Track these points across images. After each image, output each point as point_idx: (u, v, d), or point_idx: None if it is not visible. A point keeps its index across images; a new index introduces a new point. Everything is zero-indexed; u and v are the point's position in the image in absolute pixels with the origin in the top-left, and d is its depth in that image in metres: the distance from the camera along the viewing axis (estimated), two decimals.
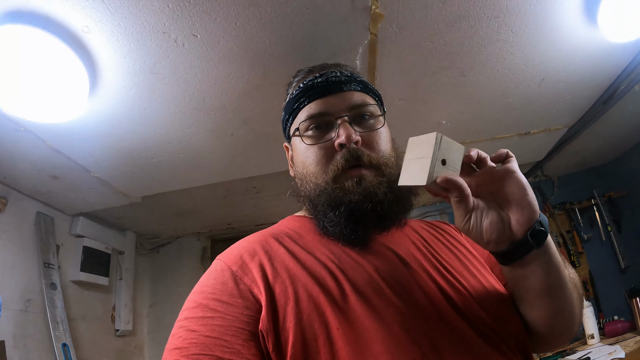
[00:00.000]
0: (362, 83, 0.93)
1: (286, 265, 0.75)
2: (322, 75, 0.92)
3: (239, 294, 0.69)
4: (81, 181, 2.18)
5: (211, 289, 0.71)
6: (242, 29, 1.32)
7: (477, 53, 1.59)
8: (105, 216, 2.77)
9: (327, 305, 0.67)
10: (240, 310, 0.67)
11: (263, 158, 2.17)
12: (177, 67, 1.45)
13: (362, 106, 0.88)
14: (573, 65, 1.75)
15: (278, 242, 0.81)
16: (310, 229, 0.87)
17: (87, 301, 2.67)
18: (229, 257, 0.78)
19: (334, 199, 0.80)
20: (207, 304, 0.69)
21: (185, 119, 1.73)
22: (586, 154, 3.01)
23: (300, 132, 0.90)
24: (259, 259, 0.76)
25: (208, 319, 0.66)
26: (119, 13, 1.21)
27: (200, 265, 3.34)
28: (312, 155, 0.86)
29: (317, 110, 0.88)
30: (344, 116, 0.85)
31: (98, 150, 1.90)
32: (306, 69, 1.03)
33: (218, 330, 0.64)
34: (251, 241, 0.83)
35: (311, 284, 0.71)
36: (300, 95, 0.92)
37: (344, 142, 0.82)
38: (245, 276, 0.72)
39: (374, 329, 0.65)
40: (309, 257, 0.77)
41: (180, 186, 2.36)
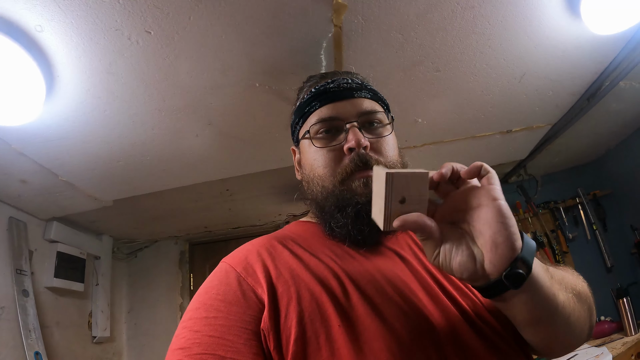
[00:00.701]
0: (372, 91, 0.95)
1: (289, 266, 0.76)
2: (334, 81, 0.94)
3: (242, 295, 0.70)
4: (50, 185, 2.12)
5: (215, 290, 0.72)
6: (196, 24, 1.27)
7: (452, 46, 1.53)
8: (80, 220, 2.71)
9: (329, 304, 0.68)
10: (242, 310, 0.68)
11: (231, 160, 2.13)
12: (134, 66, 1.39)
13: (371, 113, 0.90)
14: (555, 60, 1.69)
15: (282, 245, 0.82)
16: (314, 232, 0.89)
17: (62, 308, 2.60)
18: (233, 259, 0.79)
19: (342, 201, 0.81)
20: (211, 304, 0.69)
21: (147, 121, 1.68)
22: (570, 152, 2.98)
23: (310, 135, 0.90)
24: (263, 260, 0.77)
25: (211, 319, 0.67)
26: (70, 11, 1.16)
27: (178, 270, 3.30)
28: (321, 158, 0.87)
29: (328, 114, 0.89)
30: (354, 122, 0.87)
31: (63, 153, 1.85)
32: (318, 75, 1.04)
33: (221, 330, 0.65)
34: (255, 244, 0.84)
35: (313, 284, 0.71)
36: (312, 99, 0.93)
37: (354, 147, 0.83)
38: (249, 277, 0.73)
39: (375, 327, 0.65)
40: (312, 259, 0.78)
41: (149, 189, 2.31)
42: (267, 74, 1.52)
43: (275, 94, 1.64)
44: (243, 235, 3.45)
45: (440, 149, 2.44)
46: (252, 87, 1.58)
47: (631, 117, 2.58)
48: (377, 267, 0.77)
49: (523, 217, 3.24)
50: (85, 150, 1.83)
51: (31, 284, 2.34)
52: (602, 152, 3.14)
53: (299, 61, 1.48)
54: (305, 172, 0.94)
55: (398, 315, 0.67)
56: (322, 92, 0.92)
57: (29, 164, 1.90)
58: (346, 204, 0.81)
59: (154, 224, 2.97)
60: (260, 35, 1.35)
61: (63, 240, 2.62)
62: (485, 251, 0.56)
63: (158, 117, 1.67)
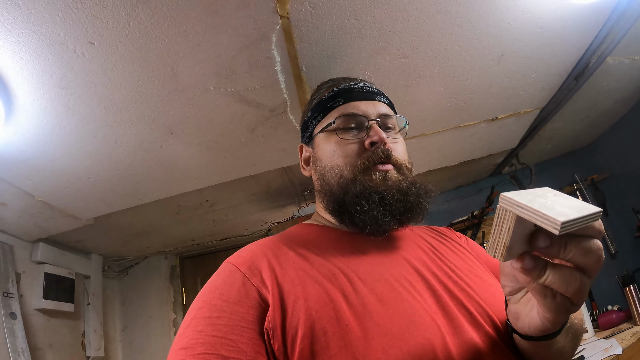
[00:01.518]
0: (388, 99, 1.02)
1: (295, 265, 0.76)
2: (356, 83, 1.01)
3: (246, 294, 0.70)
4: (28, 206, 2.12)
5: (219, 290, 0.72)
6: (137, 29, 1.23)
7: (416, 29, 1.46)
8: (65, 240, 2.70)
9: (337, 301, 0.68)
10: (246, 309, 0.67)
11: (202, 169, 2.09)
12: (84, 79, 1.37)
13: (389, 117, 0.96)
14: (535, 36, 1.61)
15: (287, 246, 0.83)
16: (319, 233, 0.90)
17: (54, 329, 2.59)
18: (238, 259, 0.79)
19: (368, 188, 0.84)
20: (215, 304, 0.69)
21: (108, 134, 1.65)
22: (562, 138, 2.89)
23: (335, 126, 0.94)
24: (268, 260, 0.77)
25: (215, 319, 0.66)
26: (14, 29, 1.15)
27: (170, 285, 3.29)
28: (341, 149, 0.91)
29: (353, 110, 0.94)
30: (376, 120, 0.93)
31: (34, 173, 1.84)
32: (339, 77, 1.10)
33: (224, 329, 0.64)
34: (260, 245, 0.85)
35: (321, 281, 0.72)
36: (336, 95, 0.98)
37: (377, 141, 0.88)
38: (253, 277, 0.73)
39: (384, 324, 0.65)
40: (318, 258, 0.79)
41: (126, 205, 2.28)
42: (219, 76, 1.48)
43: (233, 97, 1.60)
44: (232, 246, 3.42)
45: (423, 143, 2.37)
46: (206, 91, 1.54)
47: (622, 96, 2.48)
48: (383, 267, 0.78)
49: None
50: (55, 168, 1.82)
51: (19, 306, 2.34)
52: (596, 134, 3.04)
53: (249, 59, 1.43)
54: (320, 164, 0.96)
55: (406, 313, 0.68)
56: (348, 90, 0.98)
57: (5, 186, 1.90)
58: (370, 191, 0.84)
59: (140, 239, 2.94)
60: (204, 34, 1.30)
61: (50, 261, 2.61)
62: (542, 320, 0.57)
63: (118, 129, 1.64)
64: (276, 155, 2.11)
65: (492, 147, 2.72)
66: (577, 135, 2.95)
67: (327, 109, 0.98)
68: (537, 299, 0.53)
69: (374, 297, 0.70)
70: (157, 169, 1.99)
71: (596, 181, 3.07)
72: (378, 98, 0.98)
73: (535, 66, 1.83)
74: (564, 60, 1.83)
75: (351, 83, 1.01)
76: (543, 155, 3.16)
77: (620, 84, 2.29)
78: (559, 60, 1.82)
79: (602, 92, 2.31)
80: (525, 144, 2.73)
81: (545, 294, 0.51)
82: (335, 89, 1.00)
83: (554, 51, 1.74)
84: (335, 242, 0.86)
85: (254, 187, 2.47)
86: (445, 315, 0.70)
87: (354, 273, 0.74)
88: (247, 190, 2.51)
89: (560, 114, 2.35)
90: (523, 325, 0.60)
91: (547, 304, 0.52)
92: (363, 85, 1.00)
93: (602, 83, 2.19)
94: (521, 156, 2.99)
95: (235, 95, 1.59)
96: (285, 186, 2.57)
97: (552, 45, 1.69)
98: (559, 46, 1.71)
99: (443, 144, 2.45)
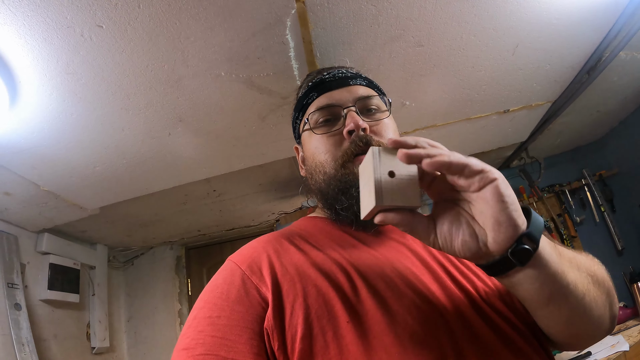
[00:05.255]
0: (367, 80, 0.97)
1: (295, 262, 0.74)
2: (329, 72, 0.96)
3: (246, 294, 0.69)
4: (33, 196, 2.09)
5: (220, 289, 0.71)
6: (147, 12, 1.19)
7: (433, 16, 1.42)
8: (71, 231, 2.68)
9: (336, 300, 0.66)
10: (245, 309, 0.67)
11: (211, 158, 2.06)
12: (91, 63, 1.33)
13: (367, 98, 0.91)
14: (549, 29, 1.58)
15: (288, 241, 0.81)
16: (321, 227, 0.88)
17: (59, 320, 2.57)
18: (239, 257, 0.78)
19: (345, 183, 0.82)
20: (215, 303, 0.69)
21: (115, 121, 1.62)
22: (572, 132, 2.86)
23: (310, 125, 0.92)
24: (269, 257, 0.75)
25: (215, 319, 0.66)
26: (20, 12, 1.12)
27: (175, 275, 3.27)
28: (321, 145, 0.88)
29: (325, 102, 0.91)
30: (351, 106, 0.88)
31: (40, 162, 1.81)
32: (316, 70, 1.08)
33: (223, 330, 0.64)
34: (261, 241, 0.83)
35: (320, 280, 0.70)
36: (309, 91, 0.95)
37: (353, 129, 0.83)
38: (253, 275, 0.72)
39: (385, 321, 0.63)
40: (319, 254, 0.77)
41: (133, 194, 2.25)
42: (231, 61, 1.44)
43: (244, 83, 1.56)
44: (239, 237, 3.40)
45: (434, 134, 2.32)
46: (217, 77, 1.50)
47: (633, 92, 2.45)
48: (384, 258, 0.76)
49: (527, 202, 3.13)
50: (60, 157, 1.79)
51: (24, 297, 2.32)
52: (605, 130, 3.01)
53: (262, 44, 1.39)
54: (308, 163, 0.94)
55: (409, 307, 0.66)
56: (319, 83, 0.95)
57: (9, 176, 1.87)
58: (349, 185, 0.81)
59: (146, 230, 2.92)
60: (216, 18, 1.26)
61: (55, 252, 2.59)
62: (488, 230, 0.53)
63: (125, 116, 1.60)
64: (286, 144, 2.07)
65: (502, 140, 2.69)
66: (587, 130, 2.92)
67: (304, 107, 0.96)
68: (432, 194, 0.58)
69: (375, 293, 0.67)
70: (164, 157, 1.95)
71: (604, 177, 3.05)
72: (353, 82, 0.93)
73: (549, 58, 1.79)
74: (577, 54, 1.80)
75: (324, 74, 0.97)
76: (551, 149, 3.13)
77: (631, 79, 2.26)
78: (572, 53, 1.79)
79: (613, 87, 2.28)
80: (535, 138, 2.69)
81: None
82: (310, 84, 0.97)
83: (568, 43, 1.70)
84: (337, 236, 0.84)
85: (262, 177, 2.43)
86: (452, 306, 0.68)
87: (354, 268, 0.72)
88: (254, 180, 2.48)
89: (571, 108, 2.32)
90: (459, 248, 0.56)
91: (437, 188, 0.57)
92: (336, 73, 0.96)
93: (614, 78, 2.16)
94: (530, 150, 2.96)
95: (247, 81, 1.55)
96: (294, 176, 2.54)
97: (566, 37, 1.66)
98: (573, 39, 1.68)
99: (453, 135, 2.42)
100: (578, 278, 0.62)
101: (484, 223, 0.54)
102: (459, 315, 0.66)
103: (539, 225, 0.55)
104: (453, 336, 0.63)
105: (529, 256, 0.53)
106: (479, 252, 0.55)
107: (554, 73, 1.92)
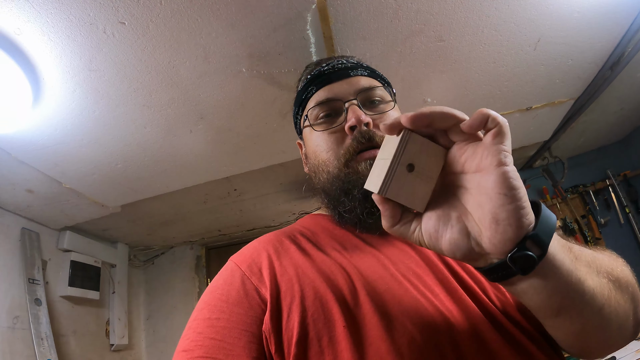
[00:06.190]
0: (369, 69, 0.91)
1: (295, 262, 0.71)
2: (328, 64, 0.91)
3: (245, 295, 0.67)
4: (55, 193, 2.12)
5: (220, 290, 0.70)
6: (169, 8, 1.19)
7: (454, 10, 1.39)
8: (92, 229, 2.71)
9: (334, 303, 0.63)
10: (244, 311, 0.65)
11: (231, 156, 2.05)
12: (114, 60, 1.34)
13: (369, 89, 0.85)
14: (572, 22, 1.53)
15: (290, 240, 0.78)
16: (324, 226, 0.84)
17: (78, 316, 2.60)
18: (240, 257, 0.76)
19: (348, 183, 0.78)
20: (215, 304, 0.67)
21: (137, 118, 1.62)
22: (595, 131, 2.78)
23: (310, 121, 0.87)
24: (269, 257, 0.73)
25: (214, 320, 0.64)
26: (43, 10, 1.14)
27: (195, 275, 3.28)
28: (323, 142, 0.83)
29: (325, 96, 0.86)
30: (352, 100, 0.83)
31: (62, 159, 1.82)
32: (314, 62, 1.02)
33: (222, 332, 0.62)
34: (262, 240, 0.80)
35: (319, 281, 0.66)
36: (308, 84, 0.90)
37: (354, 124, 0.78)
38: (253, 276, 0.70)
39: (383, 327, 0.59)
40: (319, 254, 0.73)
41: (153, 193, 2.26)
42: (252, 57, 1.43)
43: (265, 79, 1.55)
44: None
45: None
46: (239, 73, 1.49)
47: None
48: (389, 260, 0.71)
49: (551, 203, 3.06)
50: (82, 154, 1.80)
51: (44, 293, 2.35)
52: (629, 129, 2.92)
53: (283, 40, 1.38)
54: (310, 161, 0.89)
55: (410, 312, 0.61)
56: (317, 76, 0.89)
57: (32, 173, 1.89)
58: (352, 186, 0.77)
59: (166, 229, 2.93)
60: (237, 14, 1.25)
61: (77, 249, 2.62)
62: (483, 227, 0.45)
63: (147, 114, 1.60)
64: None
65: (525, 139, 2.62)
66: (610, 129, 2.83)
67: (303, 101, 0.91)
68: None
69: (374, 296, 0.63)
70: (186, 155, 1.95)
71: (629, 177, 2.96)
72: (354, 72, 0.87)
73: (571, 53, 1.74)
74: (600, 48, 1.74)
75: (322, 65, 0.92)
76: (575, 149, 3.04)
77: None
78: (594, 48, 1.73)
79: (637, 83, 2.20)
80: (558, 137, 2.61)
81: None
82: (309, 76, 0.92)
83: (590, 38, 1.65)
84: (339, 235, 0.80)
85: (282, 176, 2.42)
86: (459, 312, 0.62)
87: (355, 269, 0.68)
88: (275, 180, 2.47)
89: (594, 106, 2.25)
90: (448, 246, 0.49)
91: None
92: (335, 64, 0.90)
93: (638, 74, 2.08)
94: (553, 149, 2.89)
95: (268, 77, 1.54)
96: None
97: (588, 31, 1.60)
98: (595, 32, 1.62)
99: None
100: (597, 286, 0.53)
101: (479, 219, 0.46)
102: (465, 322, 0.61)
103: (550, 226, 0.46)
104: (456, 344, 0.58)
105: (532, 264, 0.44)
106: (471, 253, 0.47)
107: (577, 69, 1.86)
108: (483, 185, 0.45)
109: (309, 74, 0.93)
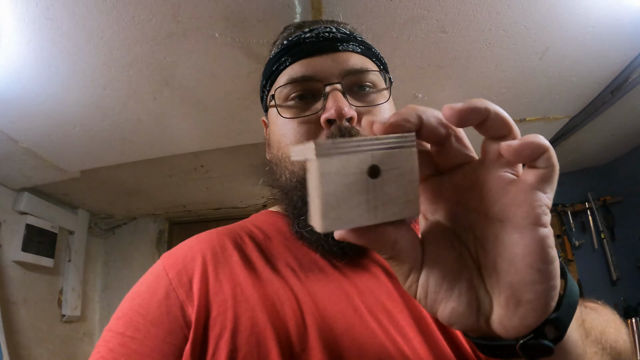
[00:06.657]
0: (364, 44, 0.71)
1: (235, 278, 0.58)
2: (312, 30, 0.70)
3: (167, 312, 0.55)
4: (11, 152, 1.98)
5: (140, 299, 0.57)
6: None
7: (463, 1, 1.26)
8: (52, 192, 2.58)
9: (273, 345, 0.50)
10: (162, 334, 0.53)
11: (198, 130, 1.94)
12: (73, 10, 1.20)
13: (361, 72, 0.67)
14: (584, 36, 1.44)
15: (234, 245, 0.63)
16: (280, 229, 0.69)
17: (30, 283, 2.48)
18: (170, 258, 0.62)
19: None
20: (132, 317, 0.55)
21: (97, 78, 1.49)
22: (583, 152, 2.75)
23: (276, 102, 0.68)
24: (203, 264, 0.59)
25: (127, 339, 0.53)
26: None
27: (155, 250, 3.20)
28: (290, 133, 0.66)
29: (301, 73, 0.67)
30: (336, 83, 0.64)
31: (16, 116, 1.69)
32: (295, 24, 0.79)
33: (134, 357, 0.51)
34: (202, 240, 0.65)
35: (260, 311, 0.53)
36: (281, 53, 0.70)
37: (333, 118, 0.60)
38: (180, 287, 0.57)
39: None
40: (267, 271, 0.59)
41: (114, 161, 2.14)
42: (228, 22, 1.29)
43: (241, 49, 1.41)
44: (225, 217, 3.30)
45: None
46: (211, 38, 1.35)
47: None
48: (355, 288, 0.58)
49: None
50: (39, 112, 1.67)
51: None
52: (616, 155, 2.90)
53: (265, 5, 1.24)
54: (273, 151, 0.72)
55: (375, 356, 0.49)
56: (295, 44, 0.70)
57: None
58: None
59: (130, 199, 2.83)
60: None
61: (33, 213, 2.49)
62: (496, 303, 0.33)
63: (108, 73, 1.47)
64: None
65: None
66: (597, 153, 2.81)
67: (273, 74, 0.72)
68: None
69: (329, 339, 0.51)
70: (149, 124, 1.83)
71: (608, 203, 2.96)
72: (344, 46, 0.68)
73: (577, 69, 1.66)
74: (606, 68, 1.67)
75: (305, 30, 0.71)
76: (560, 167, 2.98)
77: None
78: (601, 67, 1.66)
79: (634, 111, 2.15)
80: None
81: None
82: (285, 42, 0.72)
83: (599, 57, 1.58)
84: (297, 246, 0.65)
85: (253, 157, 2.32)
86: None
87: (309, 299, 0.55)
88: (245, 160, 2.37)
89: (588, 127, 2.20)
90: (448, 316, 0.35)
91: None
92: (320, 32, 0.69)
93: (637, 102, 2.02)
94: None
95: (244, 47, 1.41)
96: None
97: (599, 49, 1.53)
98: (606, 52, 1.55)
99: None
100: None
101: (492, 286, 0.34)
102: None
103: (573, 304, 0.34)
104: None
105: (545, 353, 0.33)
106: (472, 328, 0.35)
107: (579, 87, 1.80)
108: (508, 244, 0.31)
109: (286, 38, 0.74)
